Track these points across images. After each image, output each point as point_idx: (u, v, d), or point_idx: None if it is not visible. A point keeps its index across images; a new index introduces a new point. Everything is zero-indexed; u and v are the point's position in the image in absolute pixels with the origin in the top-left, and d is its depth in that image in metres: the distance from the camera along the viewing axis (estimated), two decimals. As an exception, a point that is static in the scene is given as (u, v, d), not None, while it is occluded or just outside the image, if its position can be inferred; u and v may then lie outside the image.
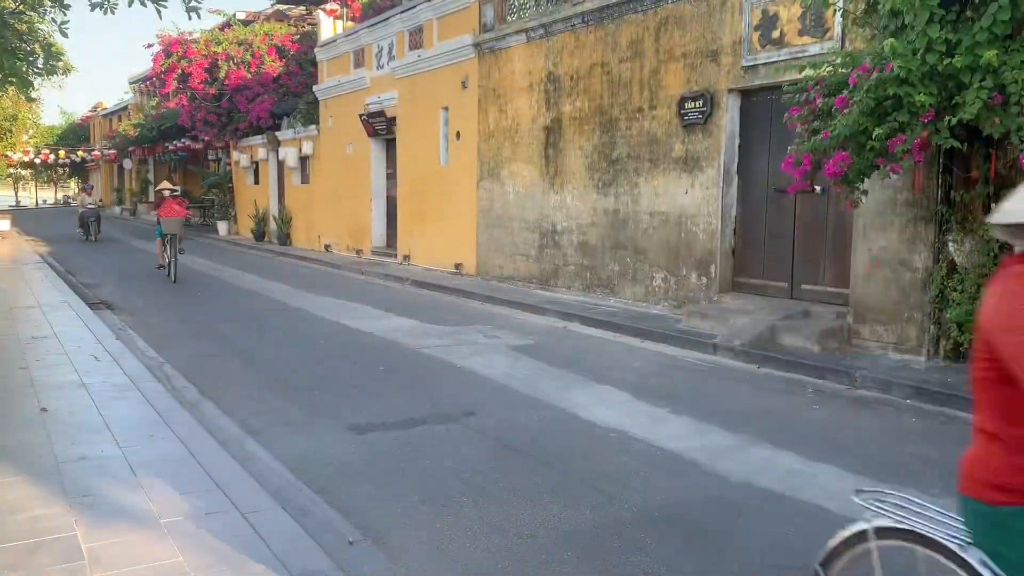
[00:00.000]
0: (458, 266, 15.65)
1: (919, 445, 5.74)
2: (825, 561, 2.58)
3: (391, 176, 18.99)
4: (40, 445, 5.08)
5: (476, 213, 15.09)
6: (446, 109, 16.15)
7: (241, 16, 28.07)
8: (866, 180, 7.12)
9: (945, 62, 6.06)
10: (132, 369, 7.24)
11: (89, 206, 26.25)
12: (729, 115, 10.08)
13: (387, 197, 19.29)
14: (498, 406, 6.61)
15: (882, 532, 2.48)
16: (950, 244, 7.65)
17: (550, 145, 13.11)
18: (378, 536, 4.10)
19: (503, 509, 4.48)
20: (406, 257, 17.58)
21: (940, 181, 7.76)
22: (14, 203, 64.32)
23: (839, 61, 7.05)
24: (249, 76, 25.05)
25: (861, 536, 2.51)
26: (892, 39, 6.20)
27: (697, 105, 10.37)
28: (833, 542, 2.55)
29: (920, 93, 6.17)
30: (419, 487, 4.78)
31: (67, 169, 60.55)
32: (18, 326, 9.29)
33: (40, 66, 8.18)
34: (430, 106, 16.57)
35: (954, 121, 6.18)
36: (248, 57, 25.19)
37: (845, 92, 6.63)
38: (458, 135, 15.67)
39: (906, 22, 6.38)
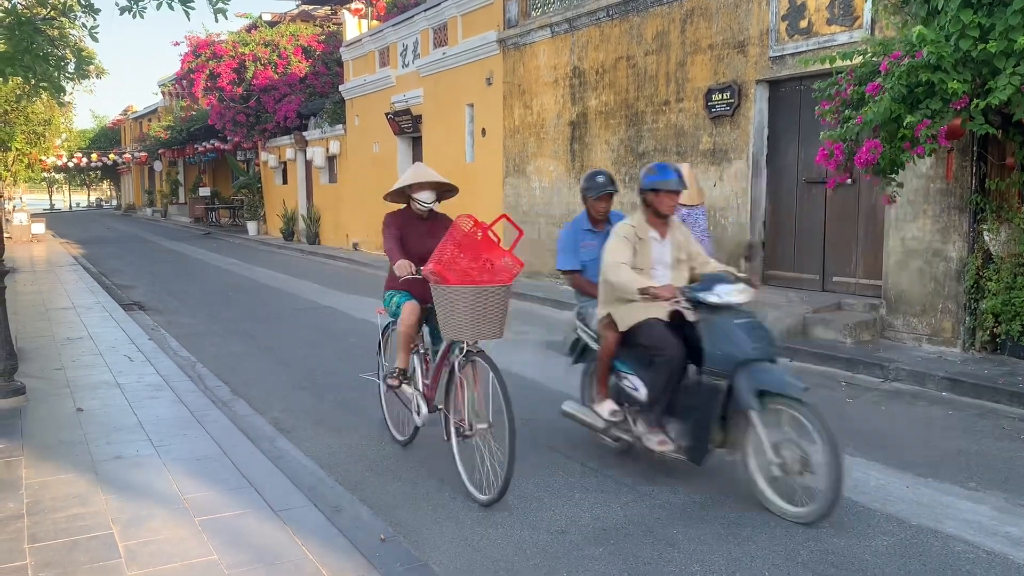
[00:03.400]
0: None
1: (955, 438, 5.65)
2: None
3: (418, 174, 19.01)
4: (77, 445, 5.16)
5: (502, 209, 15.09)
6: (471, 106, 16.15)
7: (267, 17, 28.28)
8: (900, 172, 7.01)
9: (979, 47, 5.95)
10: (165, 369, 7.33)
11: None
12: (757, 106, 9.97)
13: (414, 195, 19.32)
14: (528, 402, 6.59)
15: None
16: (985, 233, 7.51)
17: (576, 140, 13.06)
18: (409, 532, 4.11)
19: (534, 505, 4.47)
20: (434, 254, 17.60)
21: (974, 169, 7.63)
22: (48, 206, 65.48)
23: (869, 51, 6.95)
24: (276, 76, 25.25)
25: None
26: (921, 26, 6.09)
27: (725, 97, 10.27)
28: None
29: (953, 80, 6.06)
30: (450, 484, 4.79)
31: (99, 172, 61.54)
32: (54, 327, 9.44)
33: (71, 71, 8.27)
34: (455, 103, 16.59)
35: (983, 105, 6.06)
36: (275, 58, 25.39)
37: (878, 79, 6.53)
38: (483, 132, 15.66)
39: (939, 7, 6.27)
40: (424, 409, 5.08)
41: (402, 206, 5.39)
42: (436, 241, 4.70)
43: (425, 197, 5.22)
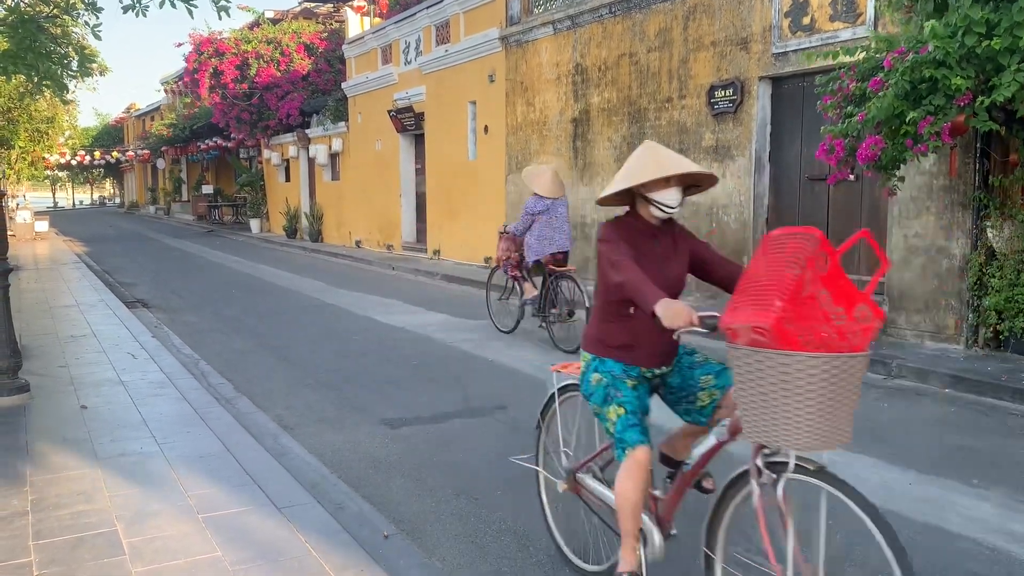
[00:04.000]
0: (488, 260, 15.65)
1: (958, 435, 5.64)
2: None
3: (420, 171, 19.05)
4: (81, 442, 5.16)
5: (505, 207, 15.08)
6: (474, 103, 16.15)
7: (270, 15, 28.32)
8: (902, 167, 7.00)
9: (984, 44, 5.94)
10: (168, 366, 7.34)
11: None
12: (760, 103, 9.96)
13: (416, 192, 19.36)
14: (531, 399, 6.58)
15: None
16: (988, 230, 7.50)
17: (578, 137, 13.05)
18: (413, 529, 4.12)
19: (537, 502, 4.47)
20: (436, 252, 17.62)
21: (977, 166, 7.62)
22: (51, 204, 65.57)
23: (873, 46, 6.94)
24: (279, 74, 25.27)
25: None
26: (934, 21, 6.07)
27: (727, 94, 10.26)
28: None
29: (956, 76, 6.05)
30: (453, 480, 4.80)
31: (102, 170, 61.61)
32: (57, 325, 9.46)
33: (74, 69, 8.28)
34: (458, 101, 16.59)
35: (987, 102, 6.05)
36: (277, 55, 25.41)
37: (880, 75, 6.51)
38: (486, 129, 15.66)
39: (947, 2, 6.26)
40: (656, 538, 3.18)
41: (621, 209, 3.33)
42: (678, 266, 3.26)
43: (670, 199, 3.11)
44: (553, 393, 3.70)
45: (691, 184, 3.26)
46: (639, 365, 3.20)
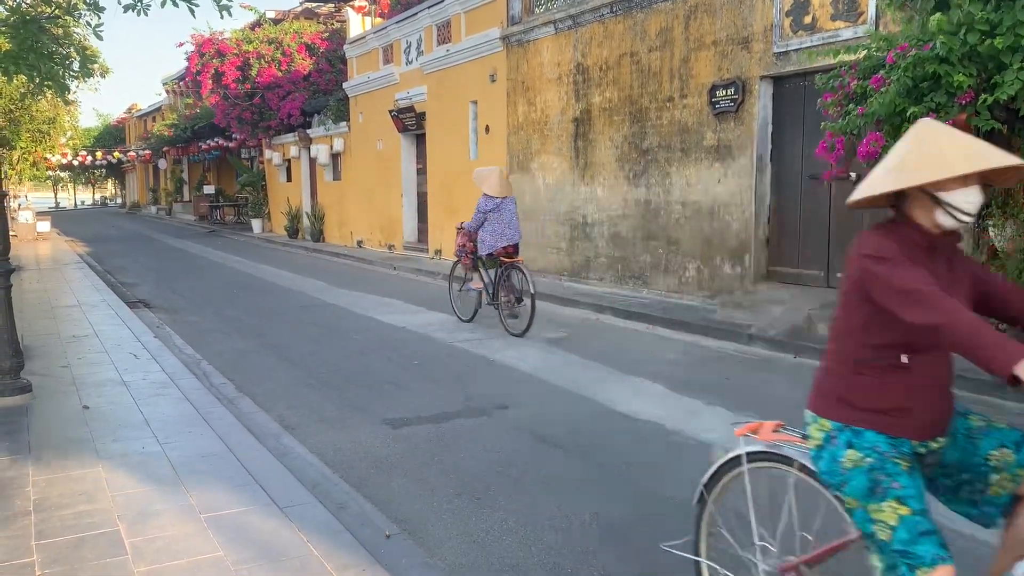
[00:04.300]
0: (490, 260, 15.67)
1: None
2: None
3: (421, 171, 19.05)
4: (83, 442, 5.17)
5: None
6: (475, 103, 16.15)
7: (271, 15, 28.32)
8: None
9: (986, 42, 5.93)
10: (170, 366, 7.34)
11: None
12: (761, 102, 9.95)
13: (418, 192, 19.36)
14: (532, 399, 6.60)
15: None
16: (990, 229, 7.49)
17: (579, 137, 13.05)
18: (414, 529, 4.12)
19: (538, 502, 4.48)
20: (438, 252, 17.63)
21: (979, 165, 7.60)
22: (53, 205, 65.60)
23: (874, 46, 6.93)
24: (280, 74, 25.28)
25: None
26: (940, 14, 6.06)
27: (728, 93, 10.26)
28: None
29: (959, 73, 6.04)
30: (454, 480, 4.79)
31: (104, 170, 61.65)
32: (59, 325, 9.46)
33: (76, 69, 8.29)
34: (459, 100, 16.58)
35: (990, 100, 6.04)
36: (279, 55, 25.41)
37: (881, 72, 6.51)
38: (487, 129, 15.66)
39: (949, 0, 6.26)
40: None
41: (883, 214, 2.46)
42: (963, 294, 2.44)
43: (970, 202, 2.28)
44: (737, 458, 2.75)
45: (986, 181, 2.37)
46: (909, 438, 2.34)
